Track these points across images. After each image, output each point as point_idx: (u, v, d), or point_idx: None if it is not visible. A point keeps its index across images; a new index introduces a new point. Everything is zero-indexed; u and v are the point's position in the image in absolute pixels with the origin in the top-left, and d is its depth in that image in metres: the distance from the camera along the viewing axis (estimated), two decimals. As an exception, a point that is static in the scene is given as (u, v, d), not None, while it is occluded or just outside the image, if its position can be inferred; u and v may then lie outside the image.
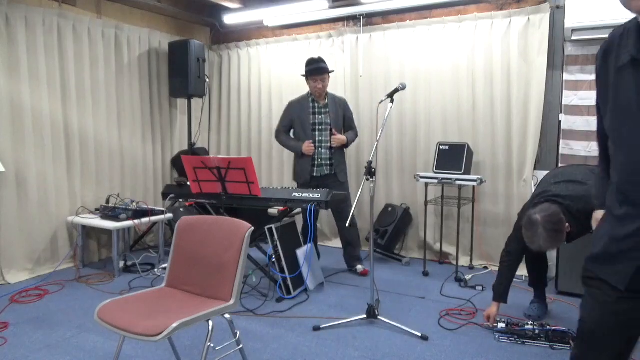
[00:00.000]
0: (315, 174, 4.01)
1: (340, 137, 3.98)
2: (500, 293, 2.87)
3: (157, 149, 5.12)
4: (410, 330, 2.84)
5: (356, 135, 4.23)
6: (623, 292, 1.38)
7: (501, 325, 2.87)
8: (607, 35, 1.46)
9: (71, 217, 4.19)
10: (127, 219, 4.00)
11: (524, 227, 2.54)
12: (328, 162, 4.02)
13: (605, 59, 1.46)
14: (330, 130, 3.99)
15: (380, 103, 3.13)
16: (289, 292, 3.44)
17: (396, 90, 3.02)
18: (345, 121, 4.12)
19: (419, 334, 2.80)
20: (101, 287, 3.72)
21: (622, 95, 1.36)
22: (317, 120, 4.00)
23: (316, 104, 4.02)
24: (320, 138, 4.00)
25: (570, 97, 3.87)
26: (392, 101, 3.01)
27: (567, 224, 2.49)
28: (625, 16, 1.22)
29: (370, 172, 2.90)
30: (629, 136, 1.38)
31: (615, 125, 1.43)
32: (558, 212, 2.47)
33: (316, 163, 4.00)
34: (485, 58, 4.14)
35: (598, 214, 1.65)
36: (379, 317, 2.99)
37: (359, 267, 4.07)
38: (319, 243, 5.05)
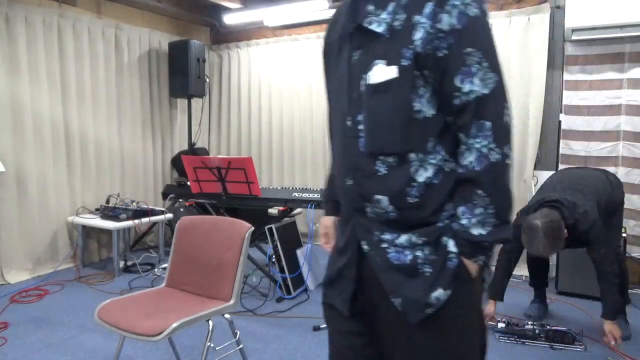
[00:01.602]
0: None
1: None
2: (497, 291, 2.86)
3: (157, 149, 5.11)
4: (410, 330, 2.83)
5: None
6: (350, 317, 1.17)
7: (501, 325, 2.87)
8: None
9: (71, 217, 4.18)
10: (127, 219, 3.99)
11: (523, 231, 2.53)
12: None
13: (330, 33, 1.24)
14: None
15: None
16: (289, 292, 3.44)
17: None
18: None
19: (419, 334, 2.80)
20: (101, 287, 3.72)
21: (338, 72, 1.16)
22: None
23: None
24: None
25: (570, 97, 3.87)
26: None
27: (565, 231, 2.50)
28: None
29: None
30: (335, 122, 1.18)
31: (329, 109, 1.23)
32: (558, 219, 2.48)
33: None
34: (485, 58, 4.13)
35: (325, 221, 1.38)
36: (379, 317, 2.98)
37: None
38: (318, 243, 5.05)
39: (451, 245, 1.05)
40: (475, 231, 1.02)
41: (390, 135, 1.04)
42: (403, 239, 1.06)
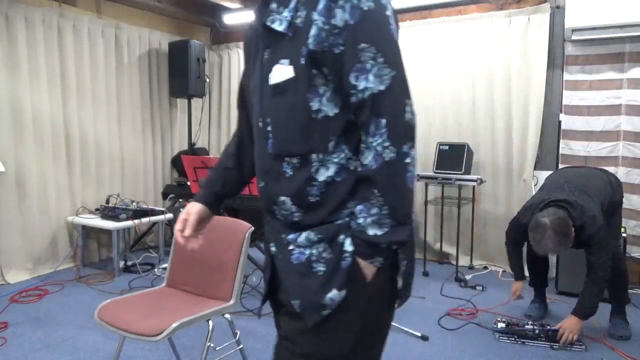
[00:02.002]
0: None
1: None
2: (516, 273, 2.98)
3: (157, 149, 5.11)
4: (410, 331, 2.84)
5: None
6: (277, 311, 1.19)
7: (501, 325, 2.87)
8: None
9: (71, 217, 4.18)
10: (127, 219, 3.99)
11: (530, 229, 2.54)
12: None
13: (249, 34, 1.19)
14: None
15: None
16: (289, 292, 3.43)
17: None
18: None
19: (419, 334, 2.80)
20: (101, 287, 3.72)
21: (255, 72, 1.12)
22: None
23: None
24: None
25: (570, 97, 3.87)
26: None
27: (573, 230, 2.50)
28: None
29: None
30: (254, 124, 1.14)
31: (251, 111, 1.18)
32: (566, 217, 2.49)
33: None
34: (485, 58, 4.13)
35: (190, 206, 1.34)
36: (379, 317, 2.98)
37: None
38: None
39: (347, 244, 1.01)
40: (371, 231, 0.98)
41: (291, 136, 1.02)
42: (303, 237, 1.04)
